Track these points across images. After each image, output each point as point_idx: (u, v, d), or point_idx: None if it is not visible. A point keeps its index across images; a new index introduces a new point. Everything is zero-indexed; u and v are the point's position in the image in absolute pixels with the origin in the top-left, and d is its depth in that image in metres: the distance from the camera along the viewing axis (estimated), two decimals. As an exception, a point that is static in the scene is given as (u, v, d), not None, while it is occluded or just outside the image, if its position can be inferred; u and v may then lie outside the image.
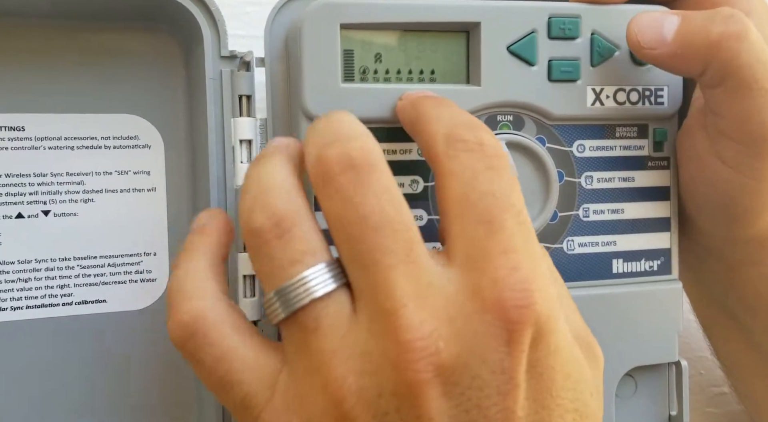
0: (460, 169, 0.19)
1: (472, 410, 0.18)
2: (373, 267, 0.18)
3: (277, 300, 0.19)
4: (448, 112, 0.21)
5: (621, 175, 0.27)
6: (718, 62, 0.23)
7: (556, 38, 0.25)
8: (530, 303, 0.18)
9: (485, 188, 0.19)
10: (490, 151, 0.19)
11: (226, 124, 0.26)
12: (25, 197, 0.26)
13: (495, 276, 0.18)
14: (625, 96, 0.26)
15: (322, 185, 0.19)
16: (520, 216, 0.19)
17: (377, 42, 0.24)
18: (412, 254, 0.18)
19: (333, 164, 0.18)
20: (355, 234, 0.18)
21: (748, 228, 0.26)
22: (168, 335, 0.21)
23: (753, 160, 0.24)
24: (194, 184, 0.27)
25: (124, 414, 0.27)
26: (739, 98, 0.23)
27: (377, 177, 0.18)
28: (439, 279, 0.18)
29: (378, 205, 0.18)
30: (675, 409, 0.28)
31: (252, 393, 0.19)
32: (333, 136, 0.19)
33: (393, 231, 0.18)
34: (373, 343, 0.18)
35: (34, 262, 0.26)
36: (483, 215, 0.18)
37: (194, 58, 0.26)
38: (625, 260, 0.27)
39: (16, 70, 0.25)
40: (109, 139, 0.27)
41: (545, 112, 0.25)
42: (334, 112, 0.21)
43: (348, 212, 0.18)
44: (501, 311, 0.18)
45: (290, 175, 0.20)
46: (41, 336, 0.26)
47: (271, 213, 0.19)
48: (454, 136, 0.19)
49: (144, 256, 0.27)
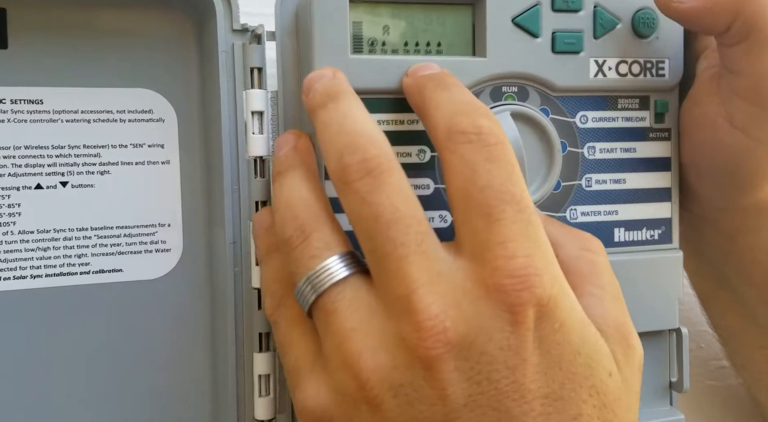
0: (460, 164, 0.20)
1: (483, 382, 0.19)
2: (387, 258, 0.20)
3: (301, 292, 0.22)
4: (448, 97, 0.22)
5: (623, 145, 0.27)
6: (745, 16, 0.24)
7: (559, 11, 0.26)
8: (528, 286, 0.19)
9: (484, 181, 0.20)
10: (488, 140, 0.20)
11: (238, 97, 0.26)
12: (44, 169, 0.27)
13: (495, 265, 0.19)
14: (627, 68, 0.27)
15: (343, 188, 0.21)
16: (520, 203, 0.20)
17: (385, 14, 0.25)
18: (423, 245, 0.20)
19: (352, 171, 0.20)
20: (372, 230, 0.20)
21: (748, 196, 0.27)
22: (184, 305, 0.24)
23: (765, 122, 0.25)
24: (207, 156, 0.28)
25: (138, 378, 0.28)
26: (760, 54, 0.24)
27: (391, 180, 0.20)
28: (449, 268, 0.20)
29: (391, 204, 0.20)
30: (675, 375, 0.29)
31: (300, 361, 0.22)
32: (351, 142, 0.21)
33: (405, 225, 0.20)
34: (388, 324, 0.20)
35: (53, 232, 0.27)
36: (482, 208, 0.20)
37: (207, 33, 0.27)
38: (627, 229, 0.27)
39: (36, 46, 0.26)
40: (125, 112, 0.27)
41: (549, 83, 0.26)
42: (345, 105, 0.22)
43: (365, 211, 0.20)
44: (502, 295, 0.19)
45: (308, 190, 0.23)
46: (60, 304, 0.27)
47: (296, 226, 0.22)
48: (453, 128, 0.21)
49: (159, 227, 0.28)
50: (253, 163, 0.26)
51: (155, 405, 0.28)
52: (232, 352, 0.27)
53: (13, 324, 0.26)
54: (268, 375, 0.27)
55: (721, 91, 0.26)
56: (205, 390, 0.28)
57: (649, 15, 0.27)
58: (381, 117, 0.25)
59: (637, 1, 0.26)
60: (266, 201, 0.27)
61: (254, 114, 0.26)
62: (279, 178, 0.24)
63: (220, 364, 0.28)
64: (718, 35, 0.25)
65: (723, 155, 0.26)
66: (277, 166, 0.24)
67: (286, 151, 0.24)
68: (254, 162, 0.26)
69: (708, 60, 0.27)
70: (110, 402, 0.27)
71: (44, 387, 0.27)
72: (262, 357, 0.27)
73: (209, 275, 0.28)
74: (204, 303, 0.28)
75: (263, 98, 0.26)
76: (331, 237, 0.22)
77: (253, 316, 0.27)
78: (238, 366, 0.27)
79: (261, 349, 0.27)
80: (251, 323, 0.27)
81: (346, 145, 0.21)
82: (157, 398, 0.28)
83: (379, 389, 0.20)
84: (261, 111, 0.26)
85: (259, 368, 0.27)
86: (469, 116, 0.21)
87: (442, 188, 0.26)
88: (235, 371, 0.27)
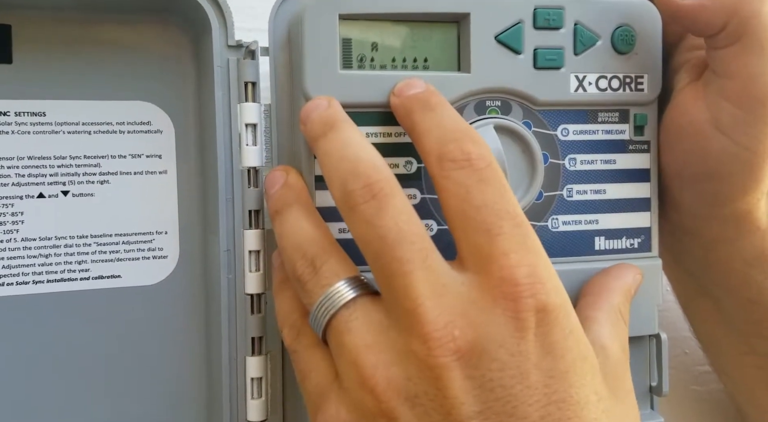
0: (454, 188, 0.22)
1: (497, 389, 0.20)
2: (394, 275, 0.21)
3: (315, 317, 0.23)
4: (436, 122, 0.23)
5: (603, 157, 0.28)
6: (739, 17, 0.25)
7: (541, 28, 0.27)
8: (535, 293, 0.20)
9: (479, 201, 0.21)
10: (478, 164, 0.22)
11: (232, 110, 0.27)
12: (46, 178, 0.28)
13: (501, 274, 0.20)
14: (607, 83, 0.28)
15: (349, 213, 0.22)
16: (516, 218, 0.21)
17: (374, 31, 0.26)
18: (428, 260, 0.21)
19: (357, 196, 0.22)
20: (379, 251, 0.21)
21: (729, 205, 0.28)
22: (180, 310, 0.25)
23: (750, 127, 0.26)
24: (203, 167, 0.29)
25: (135, 380, 0.29)
26: (750, 57, 0.25)
27: (394, 201, 0.21)
28: (453, 282, 0.21)
29: (395, 225, 0.21)
30: (656, 380, 0.30)
31: (320, 386, 0.23)
32: (353, 169, 0.22)
33: (409, 243, 0.21)
34: (399, 339, 0.21)
35: (54, 239, 0.28)
36: (482, 225, 0.21)
37: (203, 48, 0.28)
38: (607, 238, 0.28)
39: (39, 61, 0.27)
40: (124, 124, 0.29)
41: (531, 97, 0.27)
42: (344, 133, 0.23)
43: (371, 234, 0.21)
44: (510, 303, 0.20)
45: (310, 225, 0.24)
46: (61, 309, 0.28)
47: (306, 263, 0.23)
48: (444, 157, 0.22)
49: (156, 234, 0.29)
50: (246, 174, 0.27)
51: (151, 406, 0.29)
52: (225, 355, 0.28)
53: (15, 327, 0.27)
54: (261, 378, 0.28)
55: (707, 96, 0.26)
56: (200, 391, 0.29)
57: (627, 32, 0.28)
58: (370, 130, 0.26)
59: (617, 19, 0.27)
60: (259, 210, 0.28)
61: (248, 126, 0.27)
62: (278, 217, 0.25)
63: (214, 367, 0.29)
64: (711, 36, 0.26)
65: (708, 162, 0.27)
66: (273, 205, 0.25)
67: (278, 189, 0.25)
68: (248, 172, 0.27)
69: (689, 73, 0.28)
70: (108, 403, 0.28)
71: (44, 389, 0.28)
72: (254, 360, 0.28)
73: (204, 281, 0.29)
74: (199, 308, 0.29)
75: (257, 111, 0.27)
76: (338, 265, 0.23)
77: (246, 321, 0.28)
78: (232, 368, 0.28)
79: (254, 353, 0.28)
80: (244, 327, 0.28)
81: (349, 171, 0.22)
82: (153, 399, 0.29)
83: (396, 401, 0.20)
84: (255, 123, 0.27)
85: (252, 371, 0.28)
86: (457, 143, 0.22)
87: (429, 198, 0.27)
88: (229, 373, 0.28)
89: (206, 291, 0.29)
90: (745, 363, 0.32)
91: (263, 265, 0.28)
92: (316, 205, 0.25)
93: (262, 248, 0.28)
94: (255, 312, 0.28)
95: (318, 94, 0.25)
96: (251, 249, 0.27)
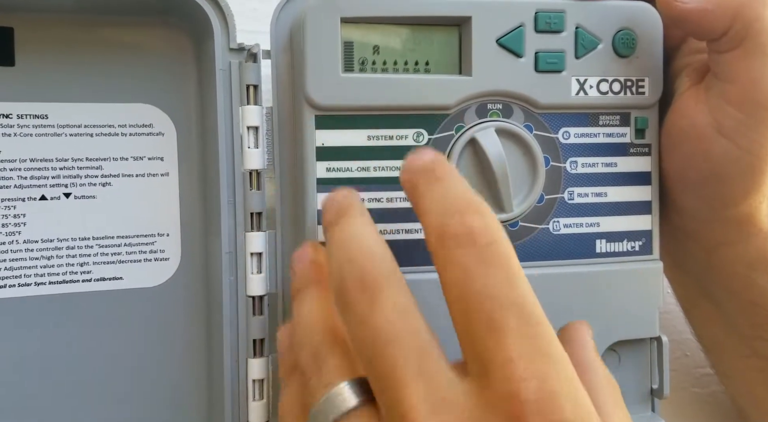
0: (454, 271, 0.19)
1: None
2: (388, 384, 0.19)
3: (315, 418, 0.21)
4: (439, 194, 0.21)
5: (604, 160, 0.28)
6: (742, 21, 0.25)
7: (542, 32, 0.27)
8: (540, 411, 0.17)
9: (479, 287, 0.19)
10: (480, 240, 0.19)
11: (234, 112, 0.27)
12: (48, 180, 0.28)
13: (507, 389, 0.18)
14: (608, 86, 0.28)
15: (343, 310, 0.20)
16: (523, 310, 0.18)
17: (375, 35, 0.26)
18: (424, 366, 0.18)
19: (349, 293, 0.20)
20: (369, 353, 0.19)
21: (731, 208, 0.28)
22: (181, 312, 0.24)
23: (752, 130, 0.26)
24: (204, 169, 0.29)
25: (136, 381, 0.29)
26: (752, 61, 0.25)
27: (387, 294, 0.19)
28: (455, 393, 0.18)
29: (387, 321, 0.19)
30: (657, 382, 0.30)
31: None
32: (349, 260, 0.20)
33: (404, 343, 0.19)
34: None
35: (56, 241, 0.28)
36: (482, 318, 0.18)
37: (205, 51, 0.28)
38: (608, 240, 0.28)
39: (42, 63, 0.27)
40: (126, 126, 0.29)
41: (532, 100, 0.27)
42: (351, 224, 0.22)
43: (363, 333, 0.19)
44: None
45: (321, 312, 0.22)
46: (63, 310, 0.28)
47: (311, 353, 0.22)
48: (443, 233, 0.20)
49: (158, 237, 0.29)
50: (248, 176, 0.27)
51: (152, 408, 0.29)
52: (227, 357, 0.28)
53: (18, 329, 0.27)
54: (262, 380, 0.28)
55: (709, 99, 0.27)
56: (201, 393, 0.29)
57: (629, 35, 0.28)
58: (370, 132, 0.26)
59: (618, 22, 0.28)
60: (261, 212, 0.28)
61: (250, 129, 0.27)
62: (298, 296, 0.24)
63: (216, 369, 0.29)
64: (713, 40, 0.26)
65: (710, 165, 0.27)
66: (295, 283, 0.24)
67: (303, 267, 0.24)
68: (249, 175, 0.27)
69: (690, 77, 0.28)
70: (109, 404, 0.28)
71: (45, 391, 0.28)
72: (256, 362, 0.28)
73: (206, 283, 0.29)
74: (200, 310, 0.29)
75: (258, 114, 0.27)
76: (342, 362, 0.21)
77: (247, 323, 0.28)
78: (233, 370, 0.28)
79: (255, 355, 0.28)
80: (246, 329, 0.28)
81: (346, 260, 0.20)
82: (154, 401, 0.29)
83: None
84: (256, 126, 0.27)
85: (254, 373, 0.28)
86: (459, 215, 0.20)
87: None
88: (230, 375, 0.28)
89: (208, 293, 0.29)
90: (746, 365, 0.32)
91: (265, 268, 0.28)
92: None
93: (264, 250, 0.28)
94: (256, 314, 0.28)
95: (319, 97, 0.25)
96: (253, 252, 0.27)
